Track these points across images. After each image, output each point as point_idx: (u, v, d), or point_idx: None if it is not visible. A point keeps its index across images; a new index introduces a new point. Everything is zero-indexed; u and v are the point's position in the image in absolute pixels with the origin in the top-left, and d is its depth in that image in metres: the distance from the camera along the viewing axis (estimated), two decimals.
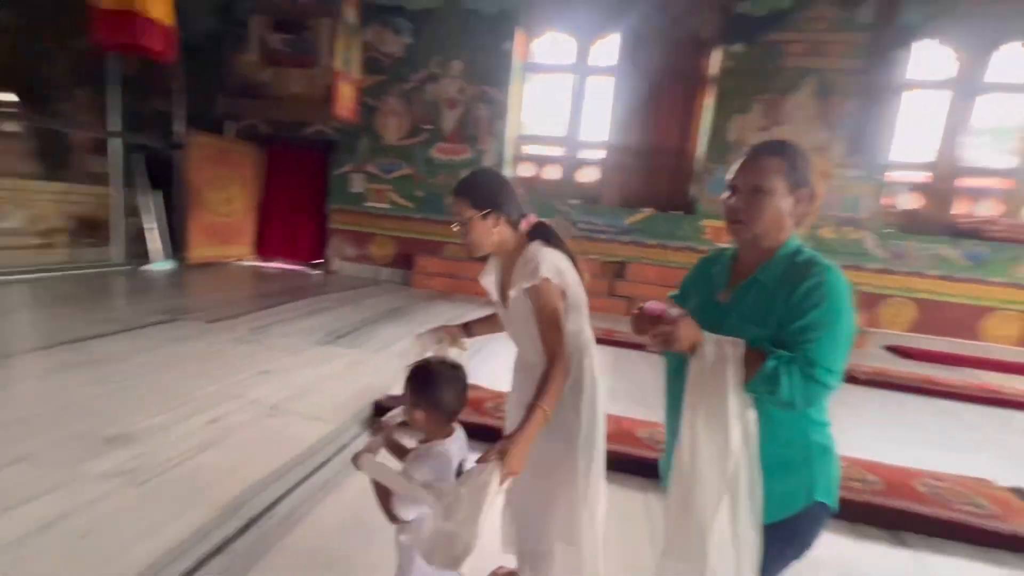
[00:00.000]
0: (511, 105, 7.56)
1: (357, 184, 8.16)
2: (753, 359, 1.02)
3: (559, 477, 1.43)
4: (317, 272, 8.27)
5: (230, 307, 5.34)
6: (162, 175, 7.56)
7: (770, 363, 1.00)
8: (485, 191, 1.39)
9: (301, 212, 8.56)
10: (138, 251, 7.30)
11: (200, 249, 7.55)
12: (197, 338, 4.15)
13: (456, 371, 1.26)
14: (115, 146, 7.08)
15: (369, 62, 7.59)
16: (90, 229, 7.22)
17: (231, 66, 8.32)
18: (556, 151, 8.05)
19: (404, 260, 8.01)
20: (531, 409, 1.22)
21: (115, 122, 7.01)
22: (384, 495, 1.17)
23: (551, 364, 1.29)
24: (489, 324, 1.65)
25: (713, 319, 1.13)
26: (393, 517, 1.17)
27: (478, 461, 1.12)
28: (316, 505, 2.14)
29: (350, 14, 6.79)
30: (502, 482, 1.09)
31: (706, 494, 1.04)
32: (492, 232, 1.39)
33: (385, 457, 1.28)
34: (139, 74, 7.57)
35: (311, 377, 3.53)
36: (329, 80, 6.99)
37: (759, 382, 1.01)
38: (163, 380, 3.23)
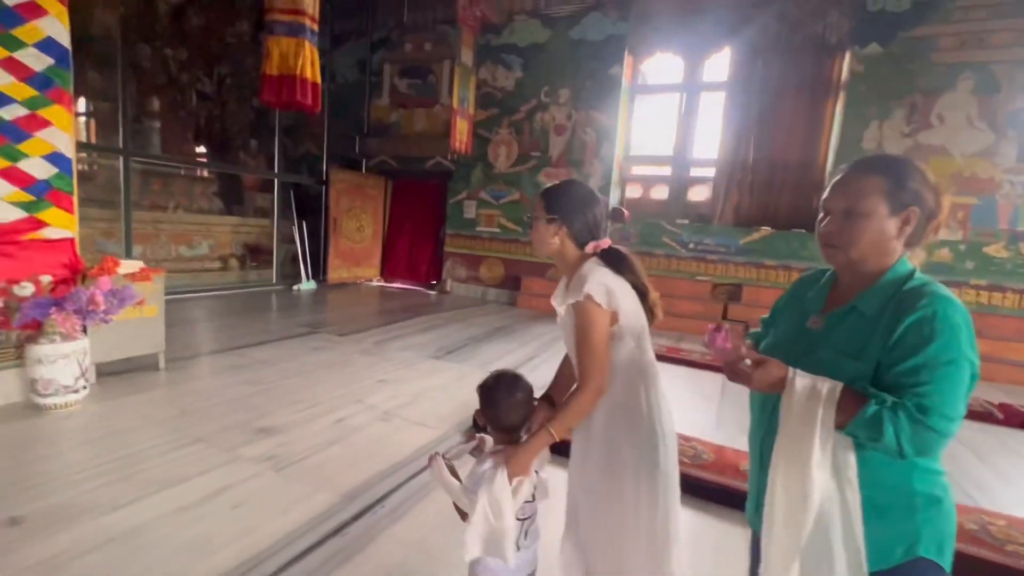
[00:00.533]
0: (618, 127, 7.61)
1: (470, 210, 8.74)
2: (850, 402, 0.92)
3: (623, 509, 1.36)
4: (433, 292, 8.94)
5: (358, 322, 6.02)
6: (310, 207, 8.81)
7: (871, 408, 0.89)
8: (560, 199, 1.41)
9: (421, 237, 9.38)
10: (289, 273, 8.53)
11: (337, 271, 8.61)
12: (330, 348, 4.76)
13: (520, 385, 1.39)
14: (276, 185, 8.41)
15: (483, 97, 8.18)
16: (255, 254, 8.62)
17: (367, 111, 9.49)
18: (664, 171, 7.90)
19: (511, 281, 8.36)
20: (540, 427, 1.29)
21: (276, 165, 8.35)
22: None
23: (579, 387, 1.29)
24: (565, 372, 1.59)
25: (802, 348, 1.05)
26: (462, 515, 1.34)
27: (490, 456, 1.34)
28: (419, 502, 2.36)
29: (467, 57, 7.42)
30: (511, 482, 1.27)
31: (776, 553, 0.98)
32: (551, 239, 1.40)
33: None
34: (295, 124, 8.97)
35: (421, 388, 3.87)
36: (448, 117, 7.68)
37: (858, 427, 0.91)
38: (302, 383, 3.77)
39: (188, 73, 8.44)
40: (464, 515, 1.32)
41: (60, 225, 3.11)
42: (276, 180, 8.37)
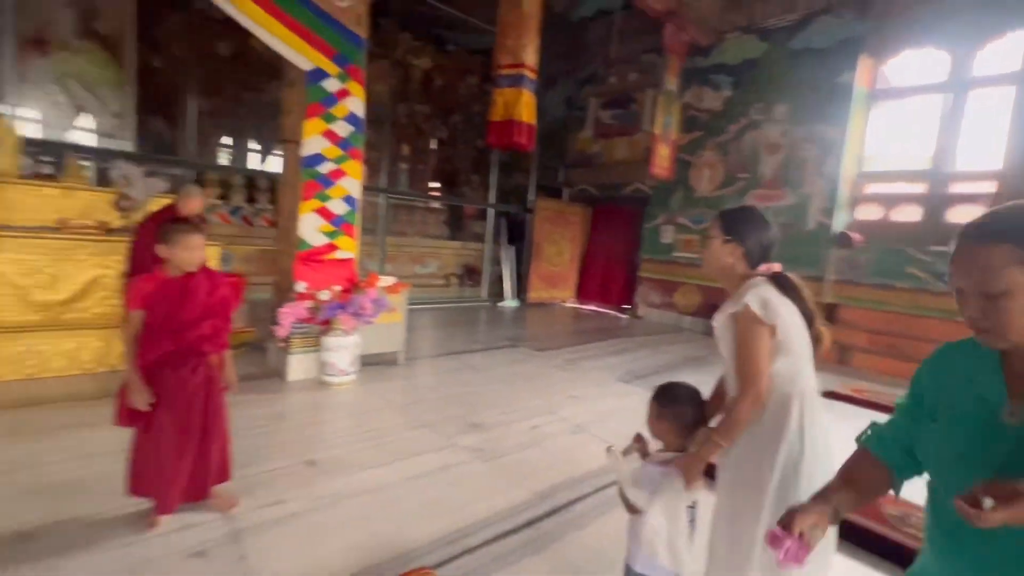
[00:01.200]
0: (846, 141, 6.65)
1: (667, 235, 8.58)
2: None
3: (748, 525, 1.36)
4: (625, 316, 8.98)
5: (554, 339, 6.44)
6: (516, 233, 9.77)
7: None
8: (739, 222, 1.48)
9: (615, 262, 9.56)
10: (496, 291, 9.56)
11: (536, 292, 9.33)
12: (528, 361, 5.23)
13: (694, 392, 1.50)
14: (490, 214, 9.57)
15: (687, 121, 8.02)
16: (470, 274, 9.91)
17: (571, 143, 10.15)
18: (914, 187, 6.57)
19: (708, 310, 7.86)
20: (707, 438, 1.38)
21: (492, 196, 9.50)
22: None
23: (739, 396, 1.33)
24: (719, 392, 1.61)
25: (1006, 451, 0.79)
26: (629, 507, 1.45)
27: (660, 464, 1.41)
28: (602, 515, 2.49)
29: (671, 83, 7.42)
30: (687, 489, 1.35)
31: None
32: (725, 257, 1.47)
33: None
34: (510, 159, 10.09)
35: (610, 407, 3.99)
36: (648, 144, 7.75)
37: None
38: (504, 390, 4.25)
39: (430, 123, 10.27)
40: (631, 507, 1.43)
41: (347, 248, 4.18)
42: (490, 209, 9.52)
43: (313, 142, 3.88)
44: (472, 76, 10.52)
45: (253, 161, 8.99)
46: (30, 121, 5.59)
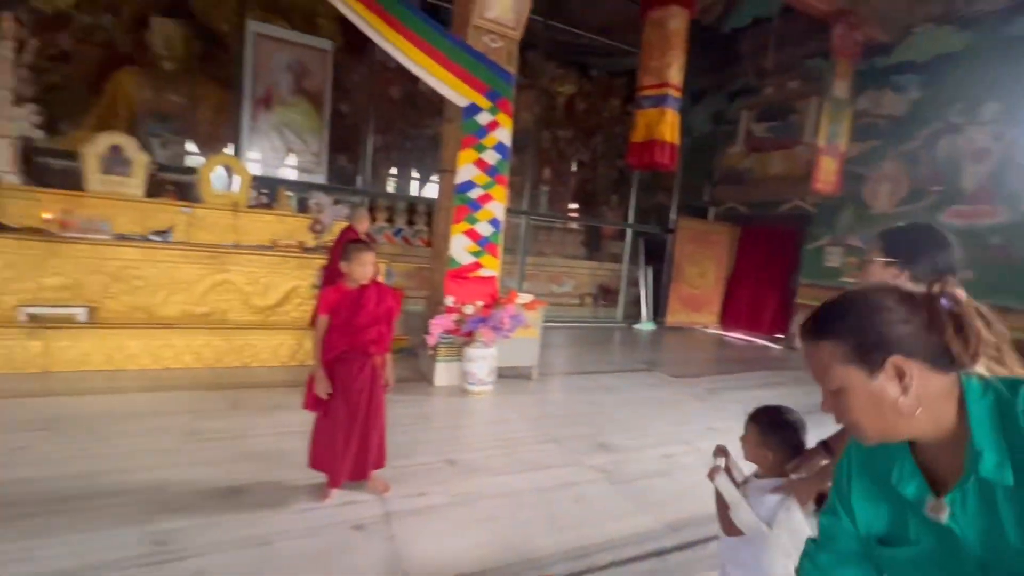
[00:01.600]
0: None
1: (833, 258, 7.59)
2: None
3: None
4: (777, 346, 8.11)
5: (692, 367, 6.09)
6: (655, 253, 9.48)
7: None
8: (902, 243, 1.31)
9: (766, 286, 8.69)
10: (632, 313, 9.35)
11: (675, 314, 8.91)
12: (663, 387, 5.03)
13: (798, 419, 1.44)
14: (629, 234, 9.45)
15: (860, 130, 7.08)
16: (606, 294, 9.85)
17: (719, 159, 9.60)
18: None
19: None
20: (827, 464, 1.33)
21: (630, 216, 9.39)
22: (723, 508, 1.40)
23: None
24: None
25: (954, 555, 0.71)
26: (727, 528, 1.39)
27: (771, 491, 1.33)
28: None
29: (840, 89, 6.65)
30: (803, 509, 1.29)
31: None
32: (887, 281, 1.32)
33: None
34: (650, 179, 9.89)
35: None
36: (810, 157, 7.00)
37: None
38: (636, 413, 4.15)
39: (572, 146, 10.56)
40: (731, 528, 1.36)
41: (490, 267, 4.50)
42: (628, 229, 9.40)
43: (465, 170, 4.30)
44: (614, 98, 10.60)
45: (413, 188, 10.15)
46: (253, 161, 7.05)
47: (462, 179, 4.31)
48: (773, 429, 1.43)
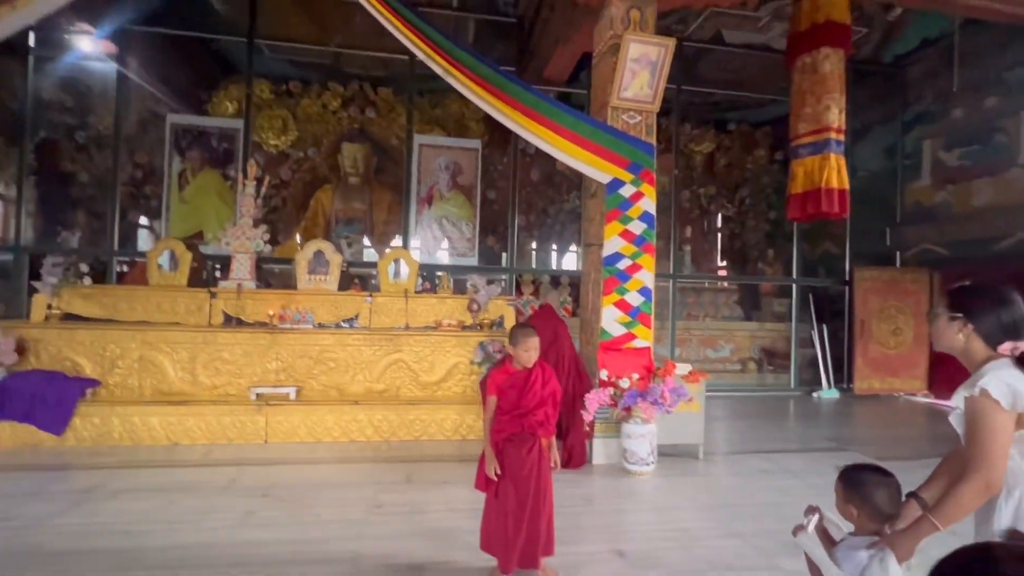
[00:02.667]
0: None
1: None
2: None
3: None
4: None
5: (900, 446, 5.02)
6: (827, 309, 8.32)
7: None
8: (968, 298, 1.40)
9: None
10: (808, 379, 8.17)
11: (865, 380, 7.57)
12: None
13: (887, 476, 1.45)
14: (795, 290, 8.50)
15: None
16: (772, 358, 8.80)
17: (900, 198, 8.34)
18: None
19: None
20: (923, 515, 1.31)
21: (794, 270, 8.47)
22: (815, 570, 1.43)
23: (964, 479, 1.25)
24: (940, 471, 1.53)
25: None
26: None
27: (866, 548, 1.33)
28: None
29: None
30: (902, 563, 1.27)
31: None
32: (954, 335, 1.41)
33: None
34: (813, 227, 8.92)
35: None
36: None
37: None
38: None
39: (716, 202, 10.10)
40: None
41: (642, 337, 4.36)
42: (794, 285, 8.46)
43: (612, 243, 4.34)
44: (758, 149, 10.02)
45: (553, 260, 10.49)
46: (414, 249, 7.99)
47: (609, 251, 4.35)
48: (856, 487, 1.47)
